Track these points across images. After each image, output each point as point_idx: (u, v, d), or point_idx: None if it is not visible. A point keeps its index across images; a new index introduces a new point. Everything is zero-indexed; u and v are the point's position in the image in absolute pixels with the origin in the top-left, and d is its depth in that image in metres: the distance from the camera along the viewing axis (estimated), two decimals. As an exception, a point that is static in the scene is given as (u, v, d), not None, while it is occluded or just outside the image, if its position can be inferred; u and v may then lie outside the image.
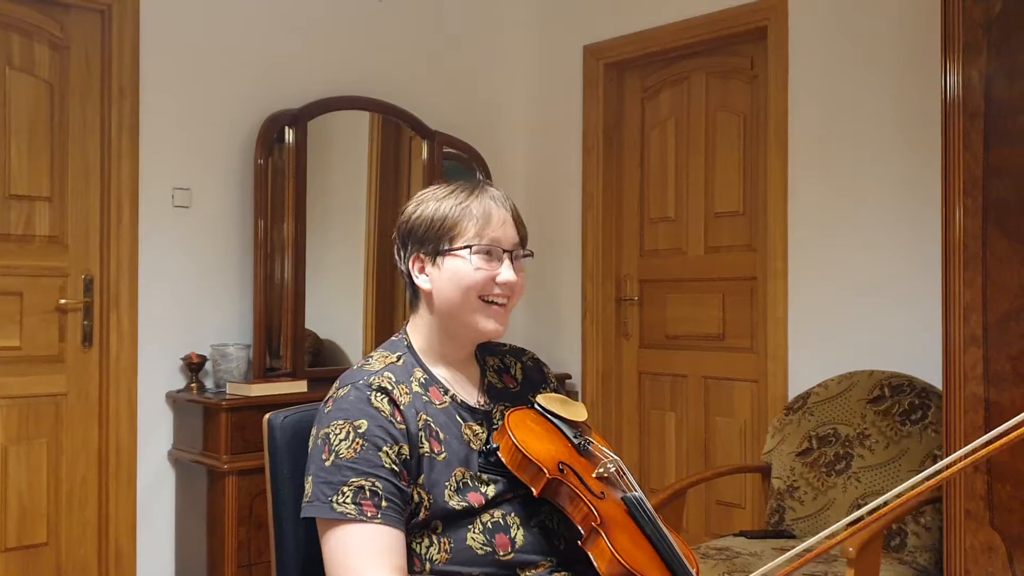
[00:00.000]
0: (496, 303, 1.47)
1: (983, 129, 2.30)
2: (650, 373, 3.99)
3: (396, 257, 1.55)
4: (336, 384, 1.45)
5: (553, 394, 1.58)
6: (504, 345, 1.67)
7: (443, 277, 1.46)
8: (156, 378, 3.35)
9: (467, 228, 1.46)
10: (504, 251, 1.48)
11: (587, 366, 4.11)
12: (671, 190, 3.90)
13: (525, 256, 1.52)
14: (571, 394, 4.05)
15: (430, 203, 1.50)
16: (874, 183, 3.17)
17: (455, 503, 1.38)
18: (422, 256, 1.49)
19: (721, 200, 3.72)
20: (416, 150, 3.92)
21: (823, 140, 3.30)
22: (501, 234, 1.48)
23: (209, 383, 3.42)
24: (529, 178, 4.36)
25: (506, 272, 1.47)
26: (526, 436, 1.41)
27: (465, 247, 1.45)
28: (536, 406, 1.53)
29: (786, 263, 3.38)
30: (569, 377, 4.12)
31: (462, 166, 4.06)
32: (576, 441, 1.49)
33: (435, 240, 1.47)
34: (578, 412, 1.55)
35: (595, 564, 1.31)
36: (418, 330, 1.53)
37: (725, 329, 3.71)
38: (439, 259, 1.47)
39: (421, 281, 1.49)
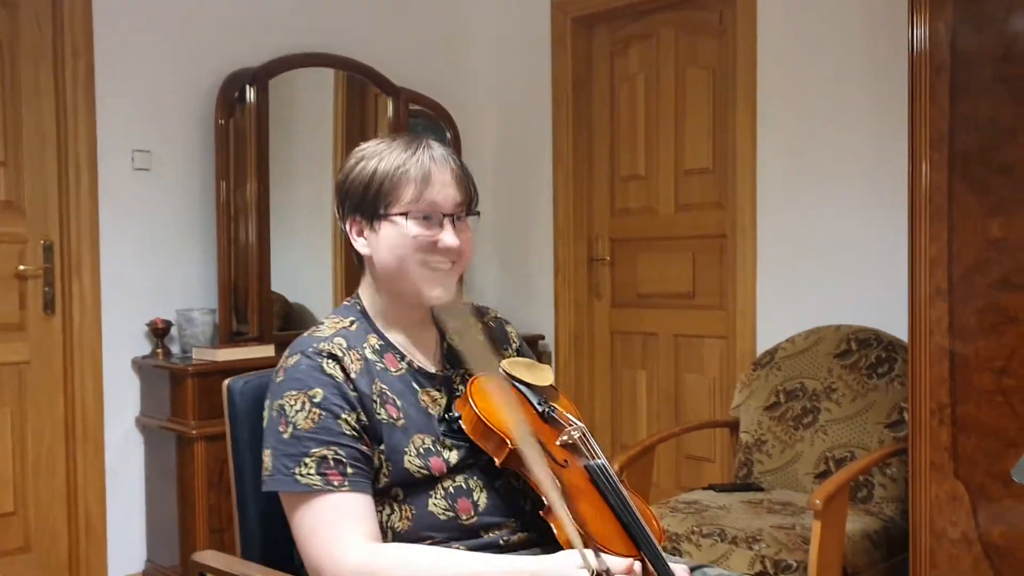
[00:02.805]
0: (440, 268, 1.41)
1: (949, 82, 2.29)
2: (622, 332, 4.00)
3: (336, 215, 1.48)
4: (286, 352, 1.42)
5: (519, 358, 1.56)
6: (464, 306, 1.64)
7: (381, 244, 1.41)
8: (121, 344, 3.31)
9: (405, 192, 1.39)
10: (444, 215, 1.41)
11: (559, 326, 4.10)
12: (641, 147, 3.87)
13: (471, 215, 1.45)
14: (543, 355, 4.06)
15: (369, 162, 1.43)
16: (842, 138, 3.15)
17: (415, 469, 1.36)
18: (359, 220, 1.43)
19: (691, 157, 3.70)
20: (382, 108, 3.86)
21: (791, 96, 3.28)
22: (440, 197, 1.40)
23: (175, 348, 3.38)
24: (498, 135, 4.32)
25: (447, 237, 1.40)
26: (488, 405, 1.39)
27: (402, 213, 1.39)
28: (500, 372, 1.50)
29: (755, 220, 3.38)
30: (542, 338, 4.12)
31: (429, 124, 4.01)
32: (540, 408, 1.47)
33: (372, 204, 1.41)
34: (544, 376, 1.53)
35: (556, 534, 1.30)
36: (368, 294, 1.50)
37: (695, 287, 3.71)
38: (376, 223, 1.41)
39: (359, 245, 1.45)
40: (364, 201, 1.41)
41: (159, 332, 3.30)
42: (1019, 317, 2.20)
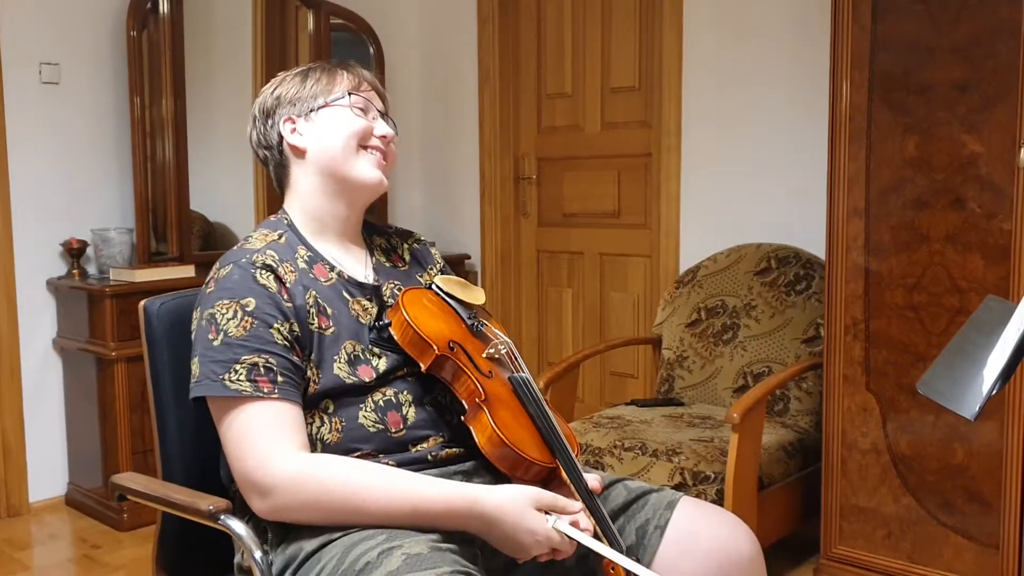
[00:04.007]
0: (377, 150, 1.48)
1: (871, 2, 2.30)
2: (548, 251, 4.01)
3: (256, 137, 1.51)
4: (216, 265, 1.40)
5: (452, 277, 1.58)
6: (390, 227, 1.66)
7: (318, 128, 1.46)
8: (35, 265, 3.22)
9: (339, 86, 1.48)
10: (378, 111, 1.51)
11: (486, 246, 4.09)
12: (568, 64, 3.83)
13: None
14: (470, 275, 4.06)
15: (295, 75, 1.51)
16: (766, 58, 3.16)
17: (344, 375, 1.36)
18: (294, 117, 1.48)
19: (618, 75, 3.68)
20: (303, 21, 3.73)
21: (716, 15, 3.26)
22: (370, 96, 1.50)
23: (92, 269, 3.29)
24: (423, 51, 4.22)
25: (382, 126, 1.48)
26: (419, 313, 1.41)
27: (341, 97, 1.46)
28: (434, 287, 1.53)
29: (680, 139, 3.39)
30: (468, 257, 4.11)
31: (352, 38, 3.90)
32: (470, 322, 1.49)
33: (309, 98, 1.47)
34: (476, 296, 1.56)
35: (476, 438, 1.32)
36: (296, 206, 1.49)
37: (620, 206, 3.73)
38: (312, 114, 1.47)
39: (294, 138, 1.47)
40: (300, 98, 1.47)
41: (74, 252, 3.20)
42: (931, 235, 2.27)
